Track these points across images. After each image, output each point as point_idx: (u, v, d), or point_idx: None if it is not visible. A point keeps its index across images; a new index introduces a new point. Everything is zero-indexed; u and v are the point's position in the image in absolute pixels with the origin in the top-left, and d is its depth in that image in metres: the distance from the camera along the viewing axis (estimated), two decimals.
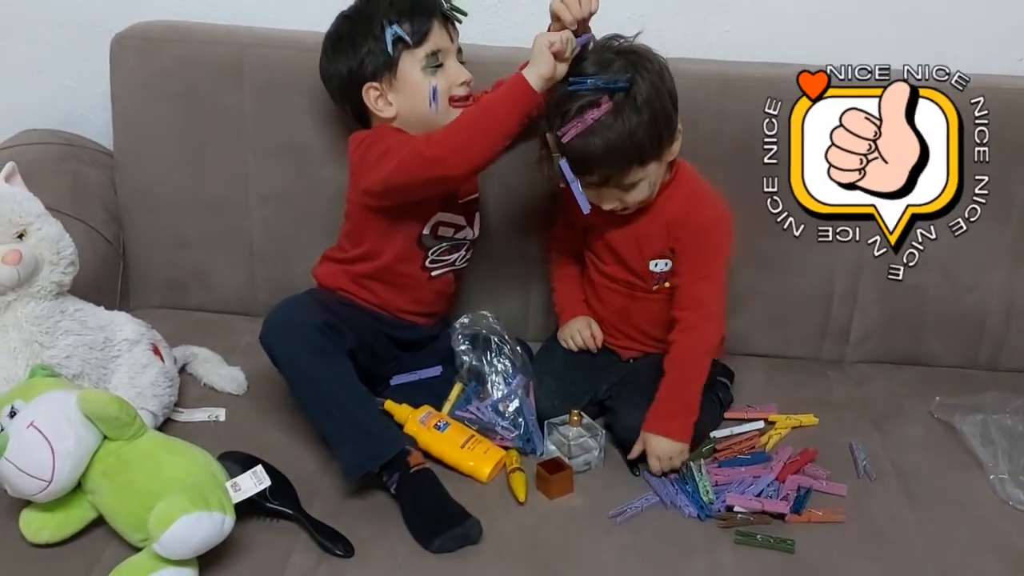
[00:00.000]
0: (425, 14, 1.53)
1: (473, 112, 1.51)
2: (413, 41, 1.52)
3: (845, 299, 1.79)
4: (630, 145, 1.45)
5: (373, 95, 1.55)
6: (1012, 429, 1.58)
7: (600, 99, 1.43)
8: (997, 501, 1.49)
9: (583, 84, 1.44)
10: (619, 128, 1.44)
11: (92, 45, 1.85)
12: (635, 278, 1.63)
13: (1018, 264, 1.75)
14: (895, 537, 1.41)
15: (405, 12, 1.53)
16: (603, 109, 1.43)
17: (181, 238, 1.85)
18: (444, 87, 1.55)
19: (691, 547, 1.38)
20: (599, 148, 1.44)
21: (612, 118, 1.44)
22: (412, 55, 1.53)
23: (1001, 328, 1.80)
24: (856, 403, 1.71)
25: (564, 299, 1.74)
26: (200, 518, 1.23)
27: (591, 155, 1.45)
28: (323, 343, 1.44)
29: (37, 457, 1.27)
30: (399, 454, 1.43)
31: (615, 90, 1.44)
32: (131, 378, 1.52)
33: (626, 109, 1.44)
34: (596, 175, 1.47)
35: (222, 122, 1.77)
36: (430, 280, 1.65)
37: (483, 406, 1.59)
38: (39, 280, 1.45)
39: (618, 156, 1.45)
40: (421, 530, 1.37)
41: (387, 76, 1.54)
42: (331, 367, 1.44)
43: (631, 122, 1.44)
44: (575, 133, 1.44)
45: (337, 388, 1.44)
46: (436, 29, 1.54)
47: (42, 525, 1.32)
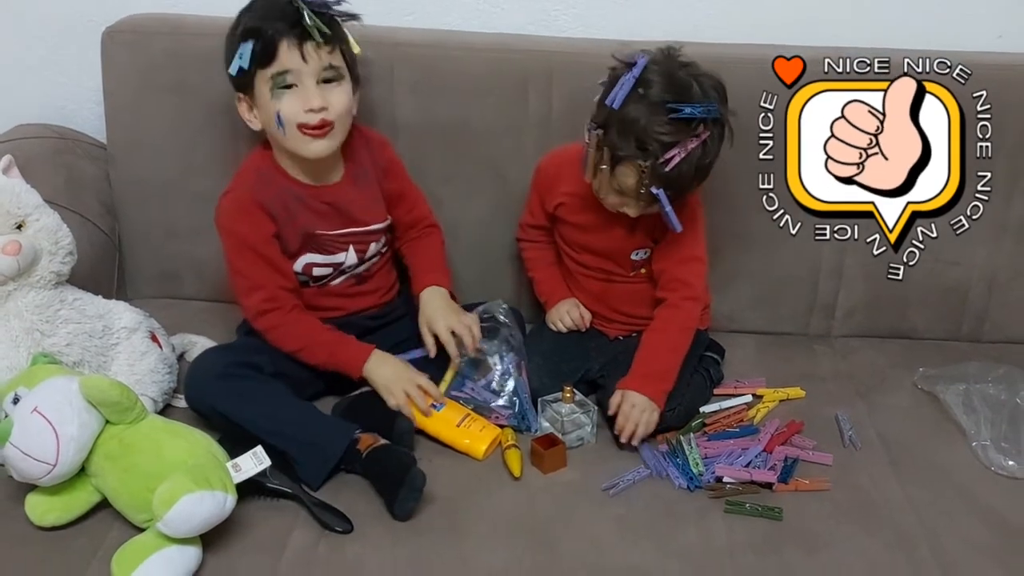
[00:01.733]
0: (276, 32, 1.47)
1: (303, 336, 1.56)
2: (260, 61, 1.48)
3: (831, 276, 1.83)
4: (708, 170, 1.48)
5: (243, 107, 1.56)
6: (994, 398, 1.61)
7: (697, 128, 1.43)
8: (980, 467, 1.53)
9: (682, 114, 1.42)
10: (714, 150, 1.46)
11: (83, 39, 1.86)
12: (613, 265, 1.66)
13: (1000, 238, 1.79)
14: (880, 503, 1.45)
15: (256, 29, 1.48)
16: (701, 137, 1.43)
17: (175, 228, 1.87)
18: (289, 112, 1.50)
19: (682, 517, 1.41)
20: (697, 173, 1.46)
21: (709, 143, 1.45)
22: (262, 73, 1.50)
23: (983, 301, 1.84)
24: (842, 375, 1.75)
25: (547, 286, 1.76)
26: (203, 497, 1.26)
27: (686, 182, 1.46)
28: (232, 385, 1.47)
29: (42, 441, 1.30)
30: (349, 446, 1.45)
31: (710, 120, 1.44)
32: (130, 365, 1.54)
33: (718, 132, 1.46)
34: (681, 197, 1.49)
35: (214, 113, 1.78)
36: (327, 288, 1.67)
37: (478, 386, 1.62)
38: (38, 270, 1.48)
39: (703, 175, 1.49)
40: (387, 507, 1.39)
41: (249, 90, 1.53)
42: (250, 402, 1.47)
43: (720, 143, 1.47)
44: (678, 161, 1.43)
45: (263, 419, 1.45)
46: (284, 49, 1.48)
47: (48, 508, 1.34)
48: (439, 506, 1.42)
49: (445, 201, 1.81)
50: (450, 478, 1.47)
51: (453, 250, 1.80)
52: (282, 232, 1.57)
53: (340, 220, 1.62)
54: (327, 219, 1.61)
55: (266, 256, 1.56)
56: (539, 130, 1.77)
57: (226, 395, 1.47)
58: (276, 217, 1.57)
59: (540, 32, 1.85)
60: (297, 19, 1.48)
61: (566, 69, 1.74)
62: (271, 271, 1.56)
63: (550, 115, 1.76)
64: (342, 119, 1.54)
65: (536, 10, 1.86)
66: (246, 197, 1.56)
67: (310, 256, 1.62)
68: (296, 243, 1.60)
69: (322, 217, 1.61)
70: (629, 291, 1.68)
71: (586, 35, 1.84)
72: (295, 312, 1.59)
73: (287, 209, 1.58)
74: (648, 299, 1.65)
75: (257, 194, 1.56)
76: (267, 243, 1.56)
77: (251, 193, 1.56)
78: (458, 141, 1.79)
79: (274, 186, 1.58)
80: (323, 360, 1.57)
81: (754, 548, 1.36)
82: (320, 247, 1.62)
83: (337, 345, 1.58)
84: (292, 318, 1.58)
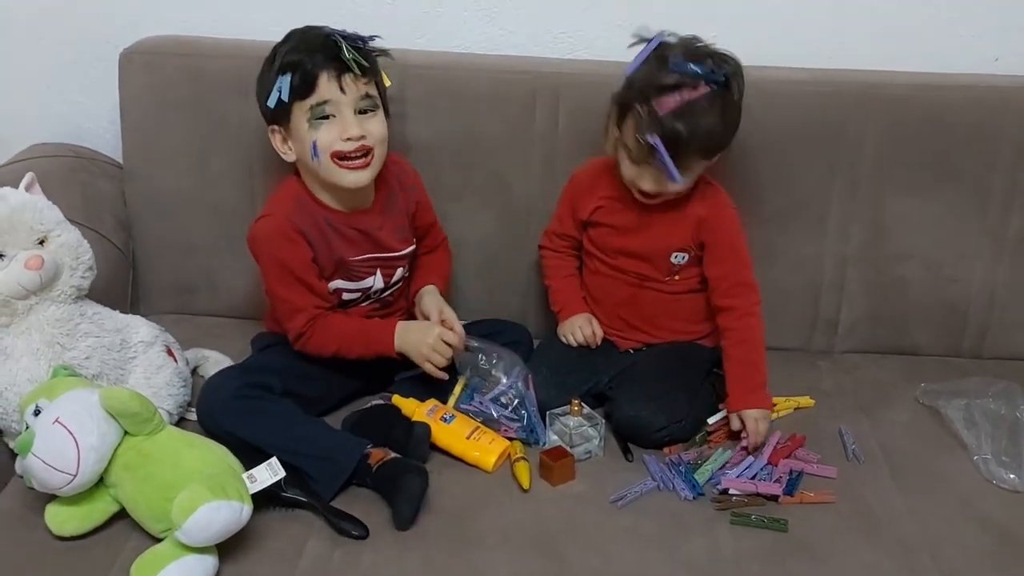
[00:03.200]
0: (315, 65, 1.51)
1: (337, 338, 1.60)
2: (299, 92, 1.51)
3: (833, 291, 1.86)
4: (712, 136, 1.50)
5: (276, 139, 1.59)
6: (995, 412, 1.64)
7: (698, 83, 1.47)
8: (981, 480, 1.55)
9: (684, 67, 1.47)
10: (714, 116, 1.48)
11: (101, 60, 1.90)
12: (650, 269, 1.68)
13: (999, 254, 1.82)
14: (883, 516, 1.47)
15: (296, 62, 1.51)
16: (700, 92, 1.47)
17: (189, 245, 1.91)
18: (325, 142, 1.53)
19: (689, 528, 1.44)
20: (691, 129, 1.47)
21: (707, 104, 1.48)
22: (300, 105, 1.53)
23: (983, 317, 1.86)
24: (845, 390, 1.78)
25: (563, 297, 1.78)
26: (220, 507, 1.28)
27: (682, 134, 1.47)
28: (243, 406, 1.50)
29: (63, 452, 1.32)
30: (360, 460, 1.47)
31: (713, 80, 1.48)
32: (147, 378, 1.57)
33: (720, 101, 1.49)
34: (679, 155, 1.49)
35: (227, 133, 1.83)
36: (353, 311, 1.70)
37: (486, 400, 1.64)
38: (59, 284, 1.50)
39: (701, 142, 1.49)
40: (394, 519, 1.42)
41: (284, 122, 1.56)
42: (262, 422, 1.50)
43: (722, 114, 1.49)
44: (673, 106, 1.46)
45: (275, 437, 1.48)
46: (325, 81, 1.51)
47: (67, 518, 1.37)
48: (450, 517, 1.44)
49: (453, 216, 1.84)
50: (460, 490, 1.50)
51: (460, 264, 1.84)
52: (318, 257, 1.60)
53: (368, 245, 1.66)
54: (357, 245, 1.65)
55: (305, 280, 1.59)
56: (545, 147, 1.81)
57: (238, 417, 1.50)
58: (313, 243, 1.59)
59: (546, 55, 1.89)
60: (336, 52, 1.52)
61: (572, 88, 1.78)
62: (311, 294, 1.60)
63: (556, 133, 1.80)
64: (380, 146, 1.58)
65: (542, 33, 1.89)
66: (285, 223, 1.58)
67: (340, 282, 1.65)
68: (330, 268, 1.63)
69: (352, 243, 1.64)
70: (661, 300, 1.70)
71: (591, 57, 1.88)
72: (324, 319, 1.61)
73: (323, 235, 1.61)
74: (678, 311, 1.68)
75: (295, 219, 1.58)
76: (306, 267, 1.58)
77: (290, 218, 1.58)
78: (466, 158, 1.82)
79: (311, 212, 1.61)
80: (361, 353, 1.62)
81: (760, 559, 1.38)
82: (349, 274, 1.66)
83: (366, 336, 1.63)
84: (321, 326, 1.60)
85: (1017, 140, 1.75)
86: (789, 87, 1.76)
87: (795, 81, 1.77)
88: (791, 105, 1.76)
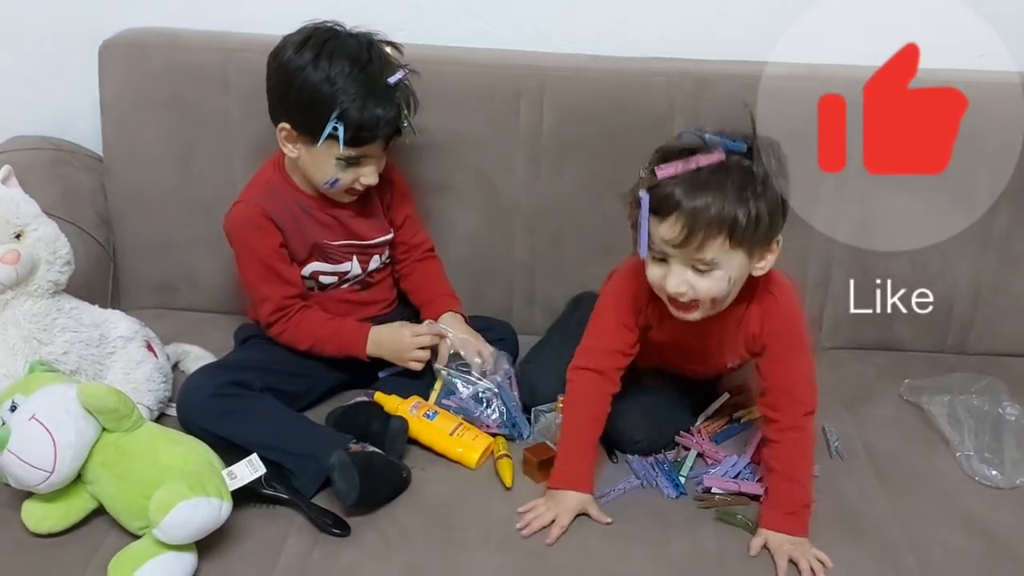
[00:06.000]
0: (375, 129, 1.52)
1: (309, 336, 1.62)
2: (346, 142, 1.51)
3: (817, 289, 1.86)
4: (726, 210, 1.28)
5: (283, 136, 1.58)
6: (978, 409, 1.64)
7: (714, 149, 1.30)
8: (964, 477, 1.55)
9: (702, 132, 1.32)
10: (724, 185, 1.28)
11: (80, 53, 1.87)
12: (704, 371, 1.60)
13: (983, 251, 1.82)
14: (866, 513, 1.47)
15: (358, 124, 1.51)
16: (712, 159, 1.29)
17: (170, 240, 1.89)
18: (346, 182, 1.58)
19: (673, 525, 1.43)
20: (693, 196, 1.28)
21: (720, 175, 1.29)
22: (341, 149, 1.53)
23: (968, 314, 1.87)
24: (828, 388, 1.75)
25: (573, 454, 1.48)
26: (198, 504, 1.27)
27: (680, 200, 1.28)
28: (223, 405, 1.49)
29: (39, 449, 1.31)
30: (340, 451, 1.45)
31: (732, 150, 1.30)
32: (126, 374, 1.56)
33: (737, 171, 1.29)
34: (677, 226, 1.29)
35: (209, 126, 1.81)
36: (332, 294, 1.71)
37: (465, 396, 1.63)
38: (36, 279, 1.49)
39: (709, 215, 1.28)
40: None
41: (307, 135, 1.55)
42: (243, 420, 1.49)
43: (738, 185, 1.28)
44: (674, 172, 1.28)
45: (256, 434, 1.47)
46: (375, 145, 1.55)
47: (44, 516, 1.35)
48: (432, 514, 1.43)
49: (436, 212, 1.83)
50: (443, 487, 1.49)
51: (445, 261, 1.83)
52: (290, 242, 1.63)
53: (343, 233, 1.67)
54: (332, 230, 1.66)
55: (273, 268, 1.61)
56: (530, 143, 1.79)
57: (218, 416, 1.49)
58: (284, 228, 1.62)
59: (532, 49, 1.88)
60: (396, 122, 1.55)
61: (558, 84, 1.78)
62: (279, 283, 1.62)
63: (541, 129, 1.79)
64: None
65: (528, 28, 1.88)
66: (255, 209, 1.60)
67: (317, 264, 1.67)
68: (304, 252, 1.65)
69: (327, 228, 1.66)
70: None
71: (578, 51, 1.87)
72: (299, 314, 1.64)
73: (295, 220, 1.63)
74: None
75: (266, 205, 1.60)
76: (274, 254, 1.61)
77: (260, 205, 1.61)
78: (450, 154, 1.81)
79: (284, 198, 1.63)
80: (333, 353, 1.64)
81: (743, 556, 1.38)
82: (326, 256, 1.67)
83: (338, 337, 1.64)
84: (295, 321, 1.63)
85: (1002, 136, 1.75)
86: (775, 83, 1.74)
87: (780, 76, 1.75)
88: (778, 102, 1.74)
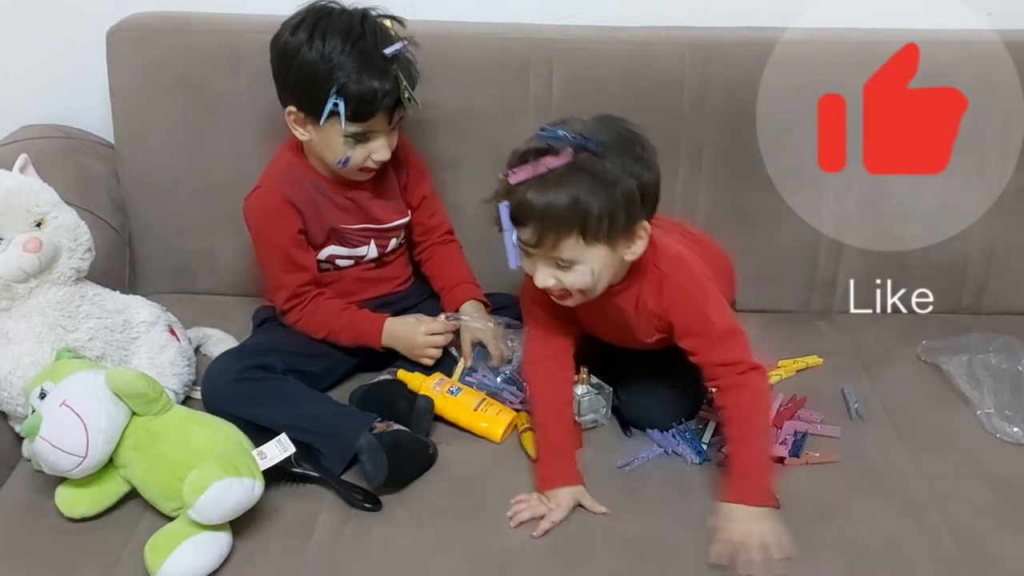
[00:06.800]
0: (375, 102, 1.51)
1: (324, 326, 1.63)
2: (350, 118, 1.51)
3: (830, 253, 1.86)
4: (575, 209, 1.28)
5: (292, 120, 1.58)
6: (996, 367, 1.65)
7: (563, 150, 1.29)
8: (984, 435, 1.57)
9: (553, 133, 1.31)
10: (571, 186, 1.28)
11: (88, 39, 1.86)
12: (635, 348, 1.57)
13: (996, 210, 1.82)
14: (889, 473, 1.49)
15: (357, 97, 1.50)
16: (561, 160, 1.28)
17: (185, 224, 1.89)
18: (358, 159, 1.57)
19: (696, 491, 1.45)
20: (541, 199, 1.28)
21: (569, 173, 1.28)
22: (346, 125, 1.52)
23: (982, 273, 1.87)
24: (846, 350, 1.78)
25: (553, 451, 1.47)
26: (231, 484, 1.28)
27: (531, 204, 1.28)
28: (247, 389, 1.51)
29: (71, 434, 1.32)
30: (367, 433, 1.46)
31: (583, 148, 1.29)
32: (151, 358, 1.57)
33: (586, 170, 1.28)
34: (529, 230, 1.31)
35: (220, 109, 1.81)
36: (347, 272, 1.71)
37: (487, 372, 1.65)
38: (59, 267, 1.49)
39: (558, 217, 1.29)
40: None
41: (312, 116, 1.54)
42: (267, 402, 1.50)
43: (586, 185, 1.28)
44: (524, 177, 1.29)
45: (282, 416, 1.47)
46: (379, 118, 1.54)
47: (78, 501, 1.37)
48: (460, 488, 1.45)
49: (448, 187, 1.83)
50: (469, 461, 1.50)
51: (457, 235, 1.82)
52: (309, 226, 1.63)
53: (361, 216, 1.67)
54: (350, 214, 1.66)
55: (289, 255, 1.62)
56: (540, 116, 1.77)
57: (243, 400, 1.50)
58: (303, 212, 1.62)
59: (539, 21, 1.87)
60: (396, 93, 1.53)
61: (566, 56, 1.77)
62: (294, 271, 1.63)
63: (551, 101, 1.78)
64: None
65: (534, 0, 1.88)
66: (276, 194, 1.60)
67: (334, 248, 1.67)
68: (322, 236, 1.65)
69: (345, 211, 1.66)
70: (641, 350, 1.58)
71: (585, 23, 1.86)
72: (313, 303, 1.64)
73: (313, 203, 1.63)
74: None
75: (286, 190, 1.61)
76: (291, 241, 1.61)
77: (280, 190, 1.61)
78: (460, 128, 1.81)
79: (302, 181, 1.63)
80: (348, 343, 1.65)
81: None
82: (343, 240, 1.68)
83: (353, 328, 1.64)
84: (311, 309, 1.64)
85: (1011, 95, 1.75)
86: (788, 48, 1.74)
87: (793, 42, 1.75)
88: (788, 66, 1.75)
